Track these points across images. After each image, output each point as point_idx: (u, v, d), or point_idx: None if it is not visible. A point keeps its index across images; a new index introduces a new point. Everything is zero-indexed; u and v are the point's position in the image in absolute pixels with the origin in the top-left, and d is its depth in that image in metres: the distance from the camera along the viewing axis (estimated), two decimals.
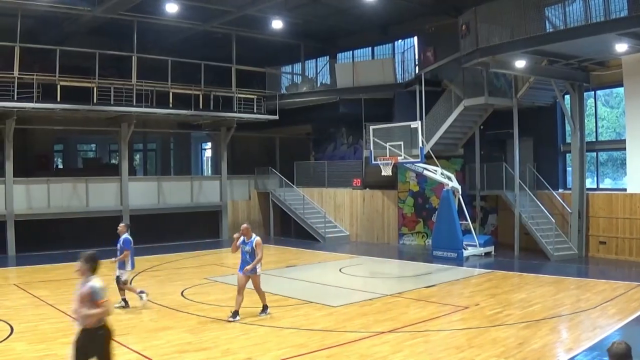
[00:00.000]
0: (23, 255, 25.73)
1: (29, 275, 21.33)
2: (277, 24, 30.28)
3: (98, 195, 29.70)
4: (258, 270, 14.28)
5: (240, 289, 14.20)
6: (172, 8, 27.69)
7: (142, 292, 15.93)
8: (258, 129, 35.95)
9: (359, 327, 13.53)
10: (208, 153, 45.79)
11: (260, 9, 28.81)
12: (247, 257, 14.25)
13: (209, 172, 44.30)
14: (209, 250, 27.77)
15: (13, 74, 26.01)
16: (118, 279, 15.63)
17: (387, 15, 30.06)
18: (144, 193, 31.34)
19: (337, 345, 11.97)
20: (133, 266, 15.86)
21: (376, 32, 33.08)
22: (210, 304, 16.12)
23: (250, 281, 14.30)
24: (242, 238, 14.39)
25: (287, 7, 29.29)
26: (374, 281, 20.29)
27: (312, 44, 35.66)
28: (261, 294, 14.53)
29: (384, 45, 34.48)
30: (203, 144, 45.71)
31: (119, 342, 12.17)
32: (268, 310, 14.53)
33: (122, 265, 15.56)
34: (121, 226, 16.08)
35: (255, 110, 33.33)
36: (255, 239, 14.27)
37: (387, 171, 26.19)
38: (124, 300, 15.72)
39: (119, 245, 15.70)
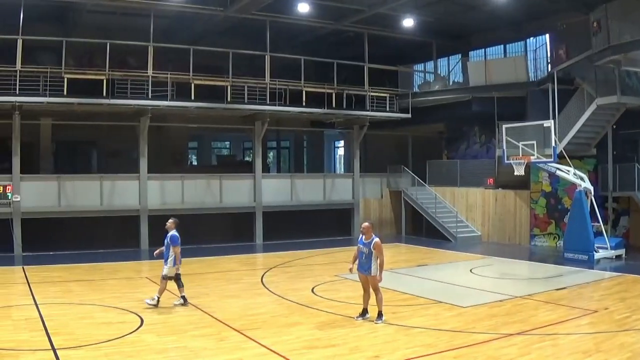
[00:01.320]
0: (155, 249, 26.73)
1: (161, 269, 22.23)
2: (408, 22, 30.70)
3: (232, 192, 30.77)
4: (374, 271, 13.98)
5: (365, 288, 14.39)
6: (303, 7, 28.46)
7: (183, 297, 16.05)
8: (390, 127, 36.32)
9: (488, 328, 13.64)
10: (341, 151, 46.43)
11: (392, 7, 29.11)
12: (364, 257, 14.09)
13: (342, 170, 44.92)
14: (340, 247, 28.02)
15: (147, 72, 27.36)
16: (178, 276, 15.92)
17: (519, 12, 29.76)
18: (277, 190, 32.25)
19: (465, 346, 12.17)
20: (178, 263, 15.83)
21: (508, 29, 32.75)
22: (340, 301, 16.46)
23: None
24: (361, 237, 14.37)
25: (418, 4, 29.50)
26: (504, 282, 20.20)
27: (444, 42, 35.57)
28: (378, 298, 14.18)
29: (516, 43, 34.14)
30: (336, 142, 46.37)
31: (248, 337, 12.81)
32: (384, 318, 14.11)
33: (167, 261, 15.84)
34: (170, 222, 16.13)
35: (387, 109, 33.72)
36: (375, 240, 14.02)
37: (519, 171, 25.99)
38: (183, 297, 16.01)
39: (165, 242, 15.97)
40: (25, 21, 25.56)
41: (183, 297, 16.04)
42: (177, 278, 15.99)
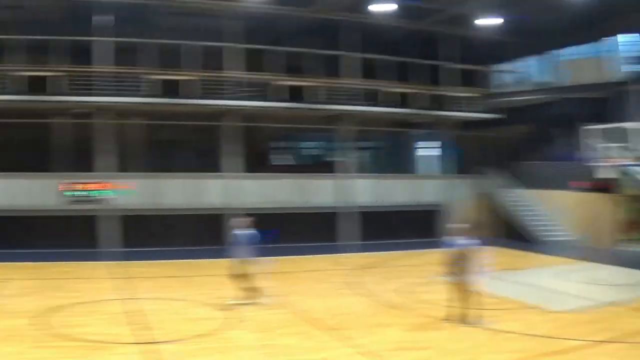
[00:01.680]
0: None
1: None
2: (492, 22, 30.61)
3: (319, 192, 31.26)
4: (465, 274, 14.05)
5: (456, 291, 14.37)
6: (383, 7, 28.74)
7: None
8: (478, 128, 35.99)
9: (579, 334, 13.37)
10: (427, 152, 46.09)
11: (473, 6, 29.20)
12: (456, 260, 14.17)
13: (429, 170, 44.63)
14: (428, 249, 27.44)
15: (235, 73, 28.29)
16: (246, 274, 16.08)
17: (603, 11, 29.11)
18: (363, 191, 32.41)
19: (555, 353, 12.02)
20: (251, 261, 16.04)
21: (593, 28, 31.94)
22: (430, 304, 16.47)
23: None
24: (455, 239, 14.37)
25: (500, 4, 29.25)
26: (595, 288, 19.85)
27: (530, 42, 34.83)
28: (469, 301, 14.18)
29: (602, 42, 33.31)
30: (422, 143, 46.04)
31: (336, 337, 13.11)
32: (477, 322, 14.06)
33: (242, 259, 15.98)
34: (243, 220, 16.32)
35: (475, 110, 33.44)
36: (469, 242, 14.14)
37: (607, 174, 25.58)
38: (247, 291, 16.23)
39: (238, 240, 16.16)
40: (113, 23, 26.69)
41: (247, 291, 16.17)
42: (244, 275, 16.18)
